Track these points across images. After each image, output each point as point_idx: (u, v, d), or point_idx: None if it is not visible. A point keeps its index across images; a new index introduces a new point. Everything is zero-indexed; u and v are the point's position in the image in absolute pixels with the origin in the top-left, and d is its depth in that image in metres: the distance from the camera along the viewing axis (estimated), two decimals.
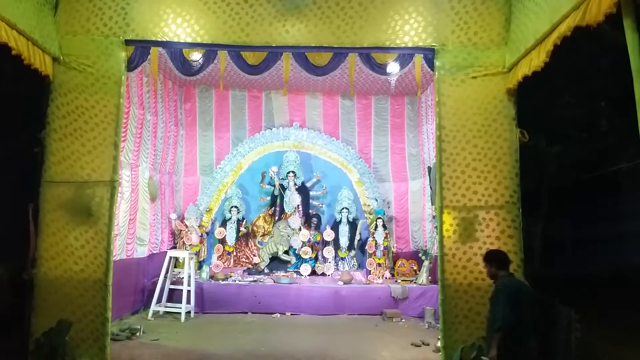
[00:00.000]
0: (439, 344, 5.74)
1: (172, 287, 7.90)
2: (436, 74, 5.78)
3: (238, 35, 5.68)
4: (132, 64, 5.80)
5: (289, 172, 9.56)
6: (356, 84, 7.68)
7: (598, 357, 5.95)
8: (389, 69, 6.55)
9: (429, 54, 5.84)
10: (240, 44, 5.75)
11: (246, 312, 8.06)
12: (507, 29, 5.70)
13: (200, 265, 8.93)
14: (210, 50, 5.99)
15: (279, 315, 8.00)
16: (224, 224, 9.54)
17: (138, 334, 6.52)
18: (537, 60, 4.87)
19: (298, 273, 9.11)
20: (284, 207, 9.54)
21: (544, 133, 9.75)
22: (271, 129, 9.89)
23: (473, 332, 5.29)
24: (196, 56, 6.18)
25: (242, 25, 5.69)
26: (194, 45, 5.87)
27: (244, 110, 10.09)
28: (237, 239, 9.55)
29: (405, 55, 6.14)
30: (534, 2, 5.00)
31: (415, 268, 9.05)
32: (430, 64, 5.87)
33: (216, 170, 9.81)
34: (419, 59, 6.12)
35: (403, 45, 5.81)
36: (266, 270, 9.18)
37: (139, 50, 5.80)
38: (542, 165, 11.00)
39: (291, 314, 8.04)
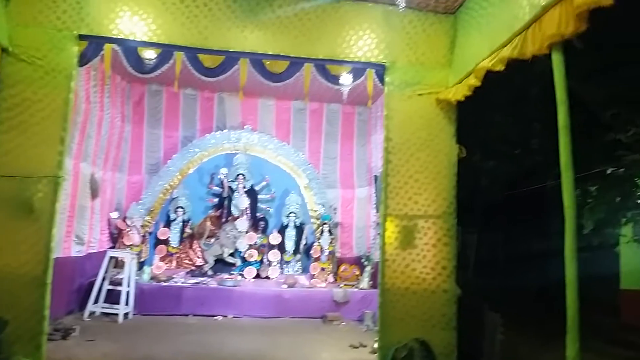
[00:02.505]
0: (375, 345, 6.03)
1: (111, 287, 7.70)
2: (386, 88, 6.12)
3: (196, 38, 5.73)
4: (84, 59, 5.68)
5: (238, 175, 9.60)
6: (310, 91, 7.85)
7: (519, 358, 6.48)
8: (342, 80, 6.82)
9: (380, 70, 6.16)
10: (197, 47, 5.81)
11: (187, 315, 7.99)
12: (451, 52, 6.14)
13: (140, 266, 8.73)
14: (167, 50, 5.97)
15: (221, 317, 8.00)
16: (168, 224, 9.41)
17: (73, 334, 6.33)
18: (475, 82, 5.29)
19: (242, 276, 9.14)
20: (232, 209, 9.55)
21: (480, 149, 10.44)
22: (222, 131, 9.88)
23: (408, 333, 5.62)
24: (151, 55, 6.13)
25: (200, 28, 5.74)
26: (150, 45, 5.83)
27: (196, 111, 10.02)
28: (182, 240, 9.44)
29: (358, 69, 6.42)
30: (476, 30, 5.45)
31: (357, 273, 9.35)
32: (381, 79, 6.19)
33: (163, 169, 9.65)
34: (370, 73, 6.43)
35: (356, 59, 6.11)
36: (210, 273, 9.13)
37: (92, 45, 5.69)
38: (477, 179, 11.72)
39: (234, 317, 8.06)
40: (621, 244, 9.90)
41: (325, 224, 9.54)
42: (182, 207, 9.43)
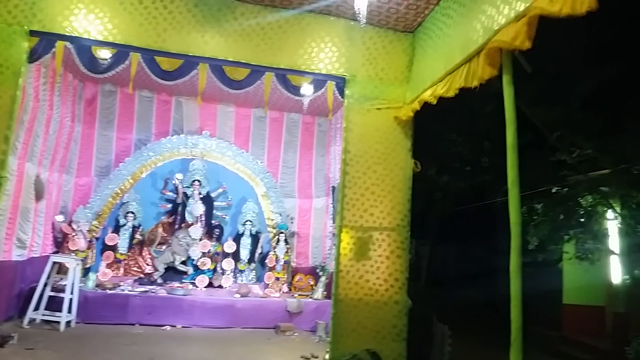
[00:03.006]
0: (327, 356, 6.02)
1: (53, 294, 7.31)
2: (345, 101, 6.21)
3: (154, 40, 5.62)
4: (34, 56, 5.44)
5: (194, 181, 9.41)
6: (270, 99, 7.89)
7: None
8: (302, 91, 6.85)
9: (341, 83, 6.25)
10: (155, 49, 5.69)
11: (134, 324, 7.69)
12: (409, 69, 6.32)
13: (86, 273, 8.35)
14: (122, 50, 5.80)
15: (169, 327, 7.76)
16: (117, 230, 9.07)
17: (11, 341, 5.96)
18: (431, 100, 5.46)
19: (194, 284, 8.92)
20: (185, 216, 9.33)
21: (435, 165, 10.76)
22: (179, 135, 9.67)
23: (359, 344, 5.67)
24: (105, 54, 5.94)
25: (158, 31, 5.64)
26: (105, 44, 5.66)
27: (151, 113, 9.76)
28: (131, 246, 9.12)
29: (319, 80, 6.48)
30: (432, 49, 5.63)
31: (312, 283, 9.33)
32: (341, 92, 6.28)
33: (114, 172, 9.32)
34: (331, 85, 6.50)
35: (317, 71, 6.17)
36: (159, 281, 8.85)
37: (44, 42, 5.46)
38: (431, 193, 12.04)
39: (183, 327, 7.84)
40: (564, 260, 10.39)
41: (281, 233, 9.49)
42: (132, 212, 9.12)
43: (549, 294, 10.30)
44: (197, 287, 8.86)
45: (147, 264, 9.12)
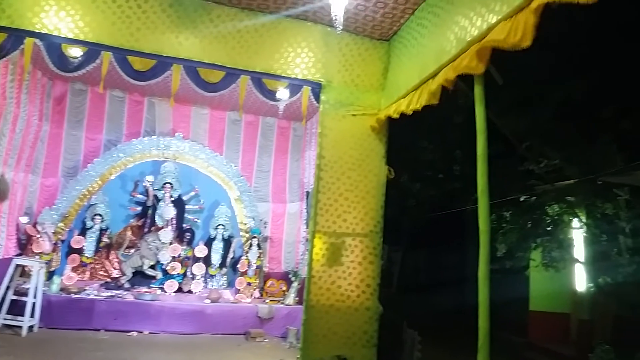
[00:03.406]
0: None
1: (15, 297, 7.04)
2: (321, 107, 6.23)
3: (126, 39, 5.52)
4: (2, 52, 5.27)
5: (165, 184, 9.24)
6: (246, 103, 7.83)
7: None
8: (278, 95, 6.83)
9: (316, 88, 6.28)
10: (127, 48, 5.59)
11: (99, 330, 7.47)
12: (384, 77, 6.39)
13: (50, 276, 8.07)
14: (93, 49, 5.67)
15: (136, 333, 7.57)
16: (83, 232, 8.81)
17: None
18: (406, 108, 5.53)
19: (162, 289, 8.74)
20: (156, 219, 9.15)
21: (408, 172, 10.88)
22: (151, 137, 9.48)
23: (330, 350, 5.66)
24: (76, 52, 5.79)
25: (132, 30, 5.54)
26: (76, 42, 5.52)
27: (123, 114, 9.55)
28: (98, 250, 8.87)
29: (295, 85, 6.48)
30: (407, 58, 5.71)
31: (284, 289, 9.27)
32: (317, 97, 6.30)
33: (82, 173, 9.06)
34: (307, 90, 6.51)
35: (293, 76, 6.18)
36: (127, 285, 8.63)
37: (12, 38, 5.29)
38: (404, 200, 12.18)
39: (150, 333, 7.65)
40: (531, 267, 10.64)
41: (254, 237, 9.40)
42: (100, 215, 8.88)
43: (516, 301, 10.53)
44: (165, 292, 8.67)
45: (115, 268, 8.89)
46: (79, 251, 8.68)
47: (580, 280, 9.57)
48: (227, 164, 9.88)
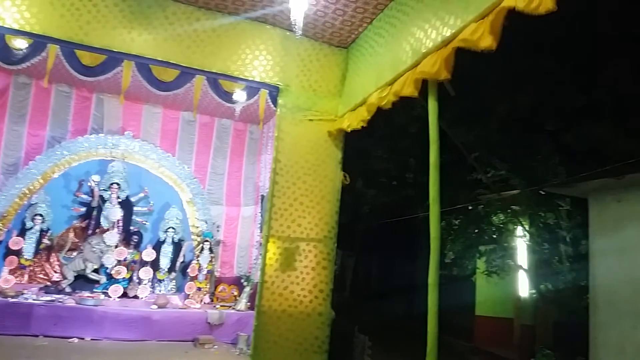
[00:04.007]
0: None
1: None
2: (278, 110, 6.20)
3: (75, 32, 5.27)
4: None
5: (112, 184, 8.85)
6: (201, 104, 7.66)
7: None
8: (234, 97, 6.73)
9: (274, 91, 6.24)
10: (76, 42, 5.34)
11: (37, 335, 7.05)
12: (342, 83, 6.45)
13: None
14: (39, 41, 5.36)
15: (77, 339, 7.20)
16: (22, 233, 8.30)
17: None
18: (362, 115, 5.60)
19: (106, 294, 8.36)
20: (101, 221, 8.75)
21: (363, 178, 11.02)
22: (98, 135, 9.08)
23: (281, 356, 5.60)
24: (21, 44, 5.45)
25: (81, 23, 5.29)
26: (21, 33, 5.21)
27: (69, 110, 9.08)
28: (37, 252, 8.37)
29: (252, 88, 6.40)
30: (365, 66, 5.79)
31: (236, 294, 9.10)
32: (274, 101, 6.27)
33: (23, 171, 8.54)
34: (264, 93, 6.46)
35: (251, 78, 6.12)
36: (68, 290, 8.19)
37: None
38: (358, 206, 12.31)
39: (92, 339, 7.30)
40: (477, 273, 11.02)
41: (206, 241, 9.18)
42: (40, 215, 8.39)
43: (463, 306, 10.87)
44: (109, 297, 8.30)
45: (55, 271, 8.41)
46: (18, 253, 8.16)
47: (524, 287, 10.00)
48: (180, 165, 9.61)
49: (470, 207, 10.25)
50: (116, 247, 8.62)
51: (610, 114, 7.67)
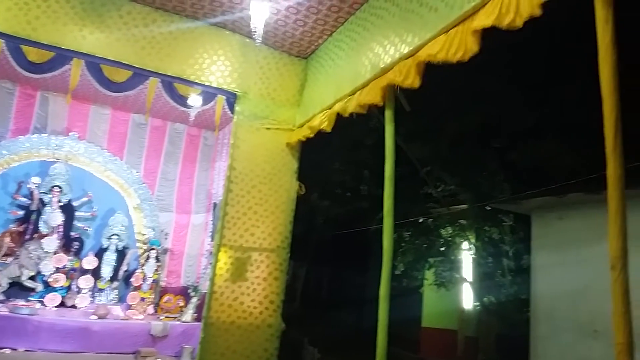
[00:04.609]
0: None
1: None
2: (235, 117, 6.11)
3: (22, 27, 4.99)
4: None
5: (54, 187, 8.36)
6: (154, 106, 7.43)
7: None
8: (190, 102, 6.57)
9: (231, 98, 6.15)
10: (22, 37, 5.05)
11: None
12: (301, 93, 6.46)
13: None
14: None
15: (9, 350, 6.71)
16: None
17: None
18: (319, 125, 5.62)
19: (42, 303, 7.86)
20: (40, 225, 8.24)
21: (318, 189, 11.05)
22: (41, 135, 8.58)
23: None
24: None
25: (29, 17, 5.01)
26: None
27: (11, 107, 8.51)
28: None
29: (209, 93, 6.28)
30: (324, 77, 5.84)
31: (182, 304, 8.79)
32: (231, 107, 6.18)
33: None
34: (221, 99, 6.34)
35: (207, 83, 6.00)
36: (1, 297, 7.63)
37: None
38: (312, 216, 12.32)
39: (26, 350, 6.83)
40: (424, 286, 11.28)
41: (152, 249, 8.82)
42: None
43: (410, 317, 11.08)
44: (46, 306, 7.81)
45: None
46: None
47: (468, 299, 10.33)
48: (128, 169, 9.23)
49: (420, 220, 10.51)
50: (55, 253, 8.12)
51: (554, 134, 8.12)
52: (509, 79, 8.52)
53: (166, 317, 8.37)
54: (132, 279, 8.58)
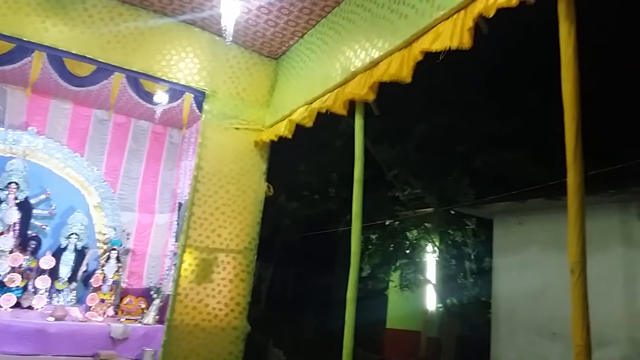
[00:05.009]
0: None
1: None
2: (203, 116, 6.01)
3: None
4: None
5: (10, 183, 7.98)
6: (118, 102, 7.21)
7: None
8: (156, 99, 6.42)
9: (200, 96, 6.05)
10: None
11: None
12: (271, 94, 6.42)
13: None
14: None
15: None
16: None
17: None
18: (289, 127, 5.60)
19: None
20: None
21: (286, 190, 11.01)
22: None
23: None
24: None
25: None
26: None
27: None
28: None
29: (176, 90, 6.16)
30: (295, 79, 5.82)
31: (143, 306, 8.57)
32: (200, 106, 6.07)
33: None
34: (189, 97, 6.23)
35: (175, 80, 5.88)
36: None
37: None
38: (280, 218, 12.27)
39: None
40: (390, 287, 11.42)
41: (113, 249, 8.56)
42: None
43: (375, 319, 11.19)
44: (1, 307, 7.46)
45: None
46: None
47: (431, 301, 10.53)
48: (89, 166, 8.91)
49: (387, 223, 10.63)
50: (11, 252, 7.77)
51: (516, 142, 8.38)
52: (476, 85, 8.75)
53: (127, 319, 8.15)
54: (91, 280, 8.30)
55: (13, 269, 7.78)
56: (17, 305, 7.68)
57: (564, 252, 2.50)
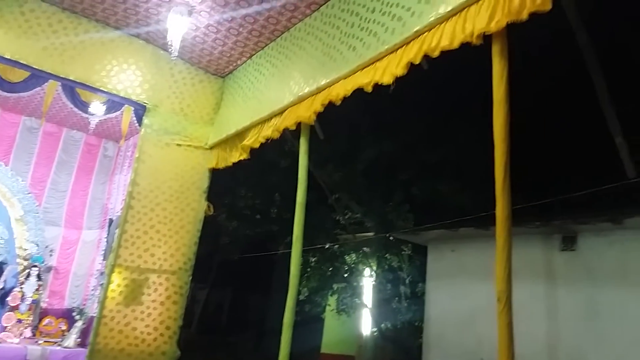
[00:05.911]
0: None
1: None
2: (143, 130, 5.81)
3: None
4: None
5: None
6: (50, 109, 6.83)
7: None
8: (92, 109, 6.14)
9: (140, 110, 5.86)
10: None
11: None
12: (216, 111, 6.33)
13: None
14: None
15: None
16: None
17: None
18: (234, 156, 5.58)
19: None
20: None
21: (227, 210, 10.80)
22: None
23: None
24: None
25: None
26: None
27: None
28: None
29: (115, 102, 5.92)
30: (241, 99, 5.80)
31: (64, 328, 7.98)
32: (139, 120, 5.88)
33: None
34: (128, 110, 6.01)
35: (115, 92, 5.66)
36: None
37: None
38: (218, 238, 11.98)
39: None
40: (326, 311, 11.41)
41: (34, 266, 7.94)
42: None
43: (310, 343, 11.09)
44: None
45: None
46: None
47: (367, 325, 10.61)
48: (13, 176, 8.29)
49: (327, 247, 10.69)
50: None
51: (451, 172, 8.77)
52: (419, 115, 9.07)
53: (45, 341, 7.56)
54: (8, 299, 7.63)
55: None
56: None
57: (492, 280, 2.63)
